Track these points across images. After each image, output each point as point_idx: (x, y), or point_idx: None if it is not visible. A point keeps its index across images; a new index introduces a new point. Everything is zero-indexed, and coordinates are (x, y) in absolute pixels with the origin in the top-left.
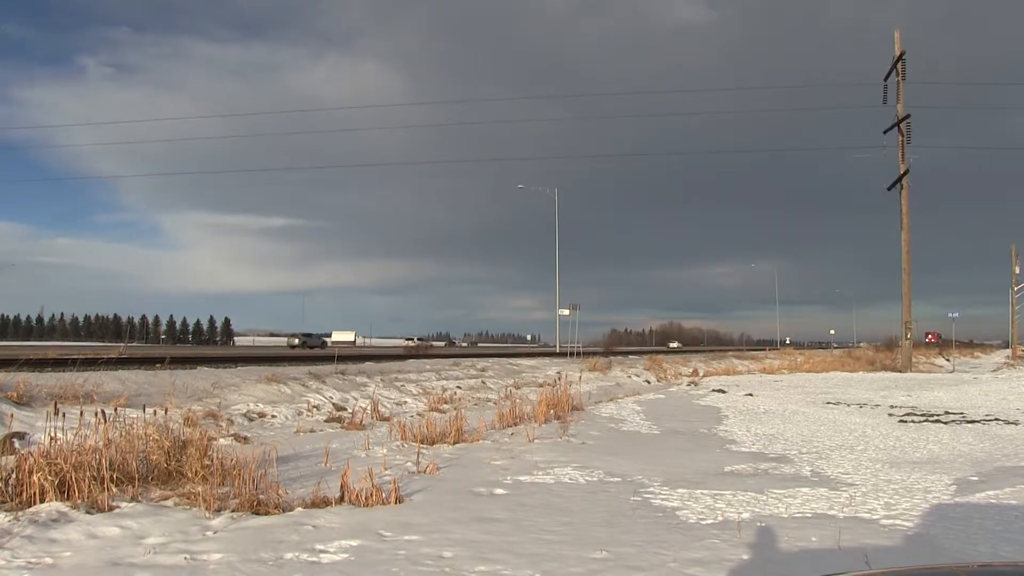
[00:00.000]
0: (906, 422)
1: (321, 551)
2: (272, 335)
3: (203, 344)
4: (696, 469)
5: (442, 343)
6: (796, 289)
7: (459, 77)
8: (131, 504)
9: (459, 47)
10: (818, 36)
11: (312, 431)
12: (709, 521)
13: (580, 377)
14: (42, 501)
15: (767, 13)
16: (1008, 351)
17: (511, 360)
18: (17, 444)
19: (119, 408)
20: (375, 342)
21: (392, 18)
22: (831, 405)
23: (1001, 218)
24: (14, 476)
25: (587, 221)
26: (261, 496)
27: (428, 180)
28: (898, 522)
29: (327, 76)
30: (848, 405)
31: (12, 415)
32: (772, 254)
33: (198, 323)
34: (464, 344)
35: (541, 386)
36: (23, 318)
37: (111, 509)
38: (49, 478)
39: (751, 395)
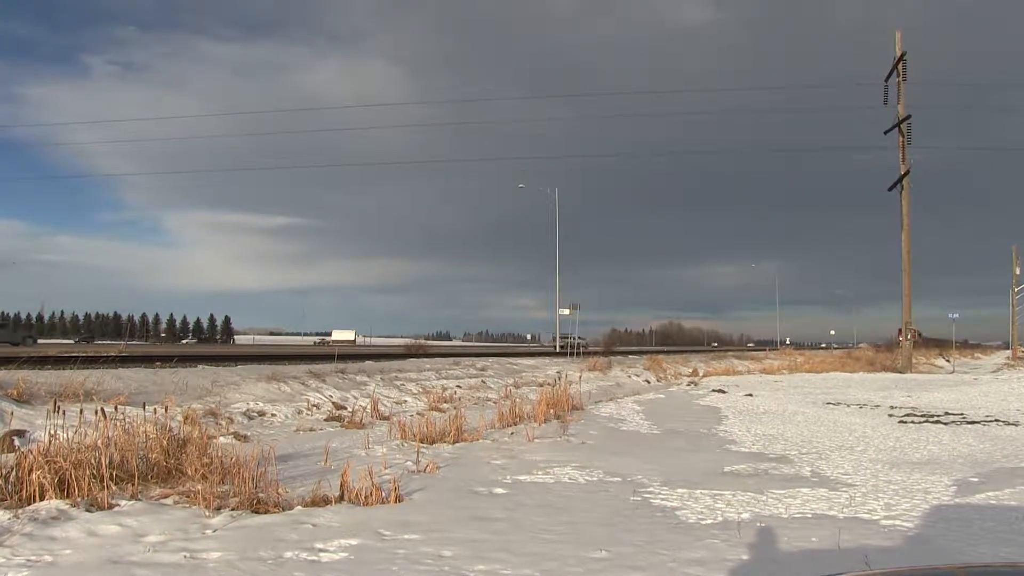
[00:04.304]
0: (906, 423)
1: (321, 550)
2: (273, 334)
3: (203, 343)
4: (696, 469)
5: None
6: (796, 290)
7: (461, 76)
8: (131, 502)
9: (462, 47)
10: (820, 37)
11: (312, 430)
12: (709, 521)
13: (580, 377)
14: (42, 499)
15: (770, 14)
16: (1008, 352)
17: (511, 359)
18: (17, 442)
19: (119, 406)
20: (375, 341)
21: (396, 17)
22: (831, 405)
23: (1002, 219)
24: (14, 474)
25: (588, 220)
26: (261, 495)
27: (430, 179)
28: (898, 523)
29: (331, 75)
30: (848, 406)
31: (12, 413)
32: (773, 254)
33: (198, 321)
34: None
35: (541, 386)
36: (23, 316)
37: (111, 507)
38: (49, 476)
39: (751, 395)
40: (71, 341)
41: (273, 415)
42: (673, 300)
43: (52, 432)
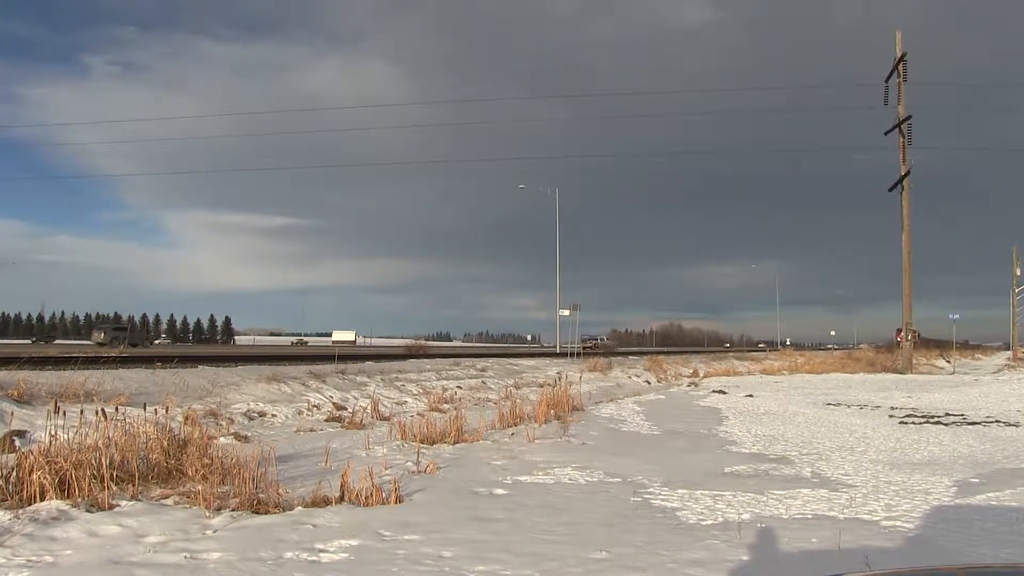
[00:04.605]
0: (906, 423)
1: (321, 550)
2: (273, 334)
3: (203, 343)
4: (696, 470)
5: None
6: (797, 290)
7: (461, 76)
8: (131, 503)
9: (462, 47)
10: (820, 37)
11: (312, 430)
12: (709, 522)
13: (580, 377)
14: (42, 499)
15: (770, 14)
16: (1009, 353)
17: (511, 360)
18: (18, 442)
19: (120, 407)
20: (375, 341)
21: (396, 18)
22: (831, 406)
23: (1002, 219)
24: (14, 474)
25: (588, 220)
26: (261, 495)
27: (430, 179)
28: (899, 523)
29: (331, 75)
30: (848, 406)
31: (13, 413)
32: (773, 255)
33: (199, 322)
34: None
35: (541, 386)
36: (24, 316)
37: (111, 507)
38: (49, 476)
39: (751, 396)
40: (27, 341)
41: (273, 416)
42: (673, 301)
43: (53, 432)
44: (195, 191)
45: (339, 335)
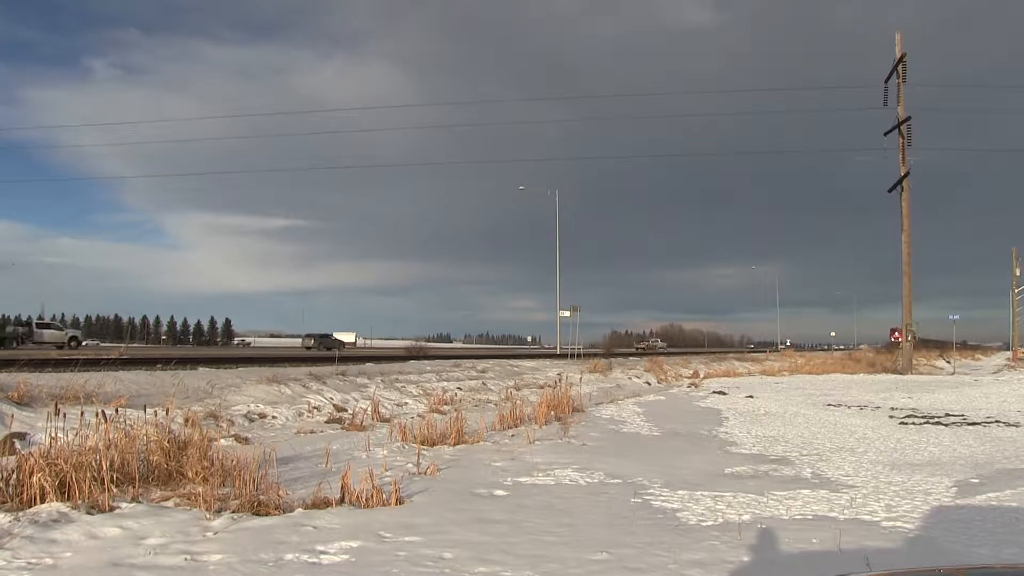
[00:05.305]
0: (907, 424)
1: (321, 552)
2: (273, 335)
3: (203, 345)
4: (696, 471)
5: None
6: (797, 291)
7: (462, 78)
8: (131, 505)
9: (463, 48)
10: (821, 38)
11: (313, 432)
12: (709, 523)
13: (581, 379)
14: (42, 501)
15: (771, 15)
16: (1008, 353)
17: (512, 361)
18: (18, 444)
19: (120, 408)
20: (376, 343)
21: (398, 19)
22: (831, 407)
23: (1002, 220)
24: (15, 476)
25: (589, 222)
26: (261, 497)
27: (431, 181)
28: (899, 524)
29: (332, 77)
30: (848, 407)
31: (13, 415)
32: (773, 256)
33: (199, 324)
34: None
35: (542, 387)
36: (23, 318)
37: (111, 510)
38: (49, 479)
39: (751, 397)
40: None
41: (274, 417)
42: (673, 302)
43: (53, 434)
44: (196, 193)
45: (339, 336)
